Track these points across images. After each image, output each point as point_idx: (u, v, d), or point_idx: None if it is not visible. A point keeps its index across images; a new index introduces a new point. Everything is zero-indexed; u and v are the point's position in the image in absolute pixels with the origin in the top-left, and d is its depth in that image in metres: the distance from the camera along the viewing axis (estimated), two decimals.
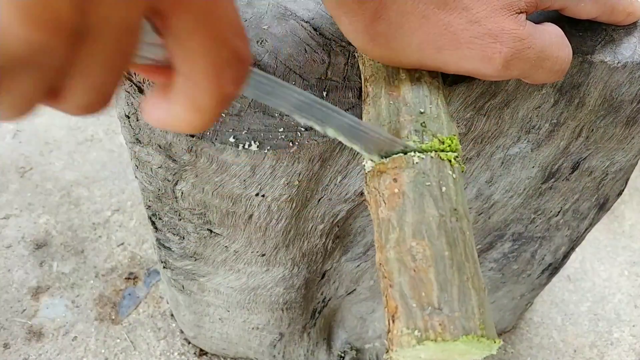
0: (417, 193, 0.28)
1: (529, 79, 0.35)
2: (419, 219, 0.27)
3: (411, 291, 0.25)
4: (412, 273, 0.26)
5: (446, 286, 0.25)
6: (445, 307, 0.25)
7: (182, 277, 0.59)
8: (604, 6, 0.39)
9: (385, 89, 0.33)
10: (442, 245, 0.26)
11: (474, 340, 0.24)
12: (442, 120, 0.31)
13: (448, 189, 0.28)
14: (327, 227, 0.51)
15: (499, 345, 0.25)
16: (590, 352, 0.90)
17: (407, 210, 0.27)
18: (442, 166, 0.29)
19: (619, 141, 0.50)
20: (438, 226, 0.27)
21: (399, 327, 0.25)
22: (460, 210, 0.28)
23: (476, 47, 0.32)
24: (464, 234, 0.27)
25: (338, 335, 0.76)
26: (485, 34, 0.32)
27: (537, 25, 0.34)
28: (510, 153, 0.49)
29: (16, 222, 0.93)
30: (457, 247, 0.27)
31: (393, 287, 0.26)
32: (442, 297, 0.25)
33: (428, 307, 0.25)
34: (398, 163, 0.29)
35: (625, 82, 0.43)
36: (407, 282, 0.26)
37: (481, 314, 0.25)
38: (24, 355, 0.80)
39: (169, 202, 0.46)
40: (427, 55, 0.32)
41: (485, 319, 0.25)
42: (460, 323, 0.24)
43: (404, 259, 0.26)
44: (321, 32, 0.40)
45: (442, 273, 0.25)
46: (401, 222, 0.27)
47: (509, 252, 0.66)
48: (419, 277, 0.25)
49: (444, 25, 0.32)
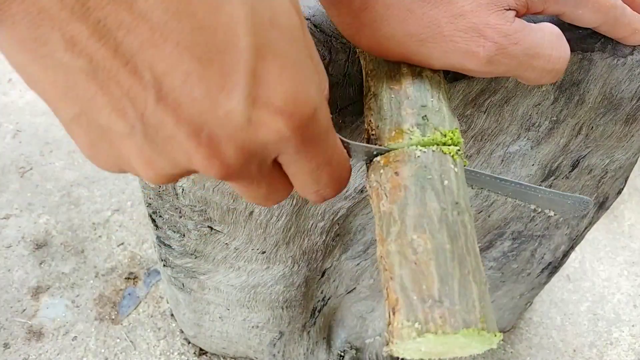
0: (418, 186, 0.28)
1: (521, 78, 0.35)
2: (421, 212, 0.27)
3: (412, 284, 0.25)
4: (413, 266, 0.26)
5: (447, 279, 0.25)
6: (446, 300, 0.25)
7: (183, 275, 0.59)
8: (606, 16, 0.38)
9: (387, 83, 0.33)
10: (444, 238, 0.26)
11: (475, 333, 0.24)
12: (444, 114, 0.31)
13: (450, 182, 0.29)
14: (327, 224, 0.51)
15: (499, 339, 0.25)
16: (589, 351, 0.90)
17: (408, 203, 0.27)
18: (444, 160, 0.29)
19: (619, 139, 0.50)
20: (439, 219, 0.27)
21: (399, 320, 0.25)
22: (462, 204, 0.28)
23: (460, 41, 0.32)
24: (466, 228, 0.28)
25: (338, 334, 0.76)
26: (469, 28, 0.32)
27: (528, 23, 0.34)
28: (510, 151, 0.49)
29: (16, 222, 0.93)
30: (459, 241, 0.27)
31: (394, 280, 0.26)
32: (443, 289, 0.25)
33: (429, 300, 0.25)
34: (400, 156, 0.29)
35: (625, 79, 0.43)
36: (408, 275, 0.26)
37: (482, 307, 0.25)
38: (24, 355, 0.80)
39: (170, 199, 0.46)
40: (411, 47, 0.32)
41: (486, 312, 0.25)
42: (460, 316, 0.24)
43: (405, 251, 0.26)
44: (322, 28, 0.40)
45: (443, 266, 0.25)
46: (402, 216, 0.27)
47: (509, 250, 0.66)
48: (419, 269, 0.25)
49: (428, 18, 0.32)
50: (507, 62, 0.33)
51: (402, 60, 0.33)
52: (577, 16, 0.37)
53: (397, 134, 0.30)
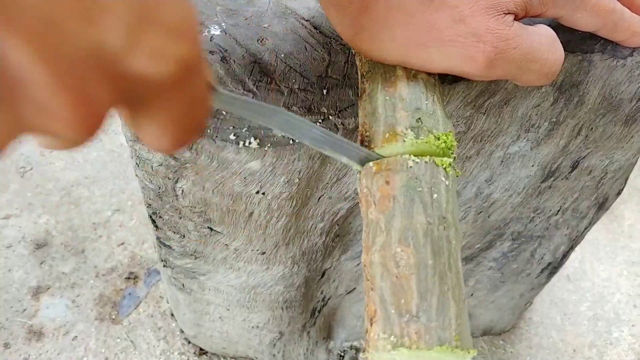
0: (407, 198, 0.28)
1: (517, 81, 0.35)
2: (407, 224, 0.27)
3: (391, 297, 0.26)
4: (394, 279, 0.26)
5: (426, 295, 0.26)
6: (423, 316, 0.25)
7: (182, 275, 0.59)
8: (605, 20, 0.38)
9: (382, 85, 0.33)
10: (427, 253, 0.27)
11: (448, 350, 0.25)
12: (438, 117, 0.32)
13: (439, 196, 0.29)
14: (327, 225, 0.51)
15: (473, 355, 0.26)
16: (589, 351, 0.90)
17: (395, 214, 0.28)
18: (436, 172, 0.29)
19: (618, 140, 0.50)
20: (424, 234, 0.27)
21: (376, 331, 0.26)
22: (449, 219, 0.28)
23: (459, 46, 0.32)
24: (450, 243, 0.28)
25: (338, 334, 0.76)
26: (469, 33, 0.32)
27: (526, 27, 0.34)
28: (509, 152, 0.49)
29: (16, 222, 0.94)
30: (442, 257, 0.27)
31: (374, 291, 0.26)
32: (421, 305, 0.25)
33: (406, 315, 0.25)
34: (392, 165, 0.29)
35: (624, 80, 0.43)
36: (389, 288, 0.26)
37: (458, 325, 0.26)
38: (24, 355, 0.80)
39: (170, 200, 0.46)
40: (410, 52, 0.32)
41: (462, 330, 0.26)
42: (436, 333, 0.25)
43: (387, 264, 0.27)
44: (321, 30, 0.40)
45: (424, 282, 0.26)
46: (389, 227, 0.28)
47: (509, 251, 0.66)
48: (400, 283, 0.26)
49: (428, 22, 0.32)
50: (506, 66, 0.33)
51: (400, 64, 0.33)
52: (576, 20, 0.37)
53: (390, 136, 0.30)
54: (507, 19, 0.32)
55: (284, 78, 0.38)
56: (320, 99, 0.38)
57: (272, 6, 0.41)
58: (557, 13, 0.36)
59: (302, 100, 0.38)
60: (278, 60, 0.38)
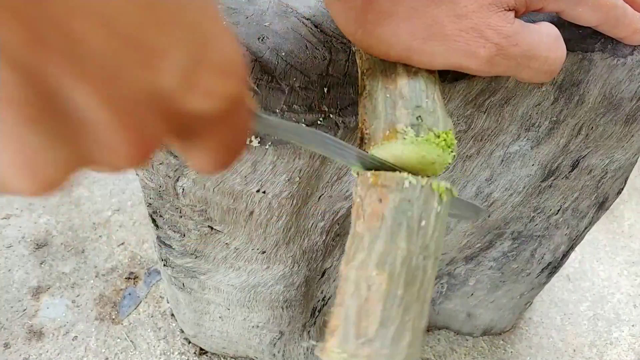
0: (395, 221, 0.28)
1: (519, 77, 0.36)
2: (388, 249, 0.28)
3: (355, 317, 0.27)
4: (362, 302, 0.27)
5: (387, 323, 0.27)
6: (378, 342, 0.27)
7: (183, 274, 0.59)
8: (607, 15, 0.38)
9: (382, 83, 0.33)
10: (400, 283, 0.28)
11: None
12: (438, 115, 0.32)
13: (427, 223, 0.29)
14: (327, 224, 0.51)
15: None
16: (589, 351, 0.90)
17: (380, 236, 0.28)
18: (431, 198, 0.29)
19: (619, 139, 0.50)
20: (402, 262, 0.28)
21: (332, 344, 0.27)
22: (431, 248, 0.29)
23: (461, 41, 0.32)
24: (425, 273, 0.28)
25: None
26: (471, 28, 0.32)
27: (527, 24, 0.34)
28: (510, 151, 0.49)
29: (16, 222, 0.94)
30: (413, 287, 0.28)
31: (342, 307, 0.28)
32: (379, 331, 0.27)
33: (363, 337, 0.27)
34: (389, 182, 0.29)
35: (625, 79, 0.43)
36: (355, 309, 0.27)
37: (409, 354, 0.27)
38: (25, 355, 0.80)
39: (170, 199, 0.46)
40: (413, 46, 0.33)
41: (410, 358, 0.28)
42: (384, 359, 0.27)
43: (361, 284, 0.28)
44: (322, 29, 0.40)
45: (388, 310, 0.27)
46: (371, 247, 0.28)
47: (509, 250, 0.66)
48: (366, 307, 0.27)
49: (431, 17, 0.32)
50: (506, 62, 0.33)
51: (402, 60, 0.33)
52: (577, 14, 0.37)
53: (391, 134, 0.30)
54: (509, 16, 0.33)
55: (285, 76, 0.38)
56: (321, 97, 0.38)
57: (273, 5, 0.41)
58: (558, 7, 0.37)
59: (302, 98, 0.38)
60: (279, 58, 0.38)
